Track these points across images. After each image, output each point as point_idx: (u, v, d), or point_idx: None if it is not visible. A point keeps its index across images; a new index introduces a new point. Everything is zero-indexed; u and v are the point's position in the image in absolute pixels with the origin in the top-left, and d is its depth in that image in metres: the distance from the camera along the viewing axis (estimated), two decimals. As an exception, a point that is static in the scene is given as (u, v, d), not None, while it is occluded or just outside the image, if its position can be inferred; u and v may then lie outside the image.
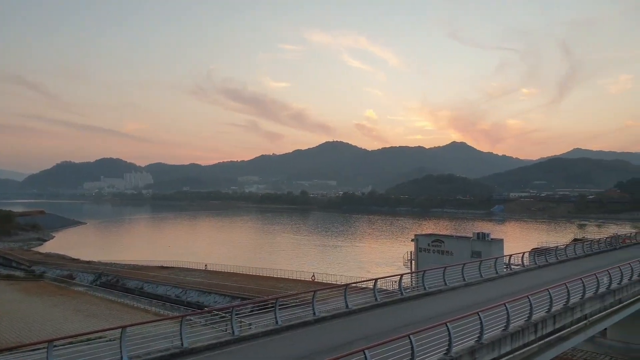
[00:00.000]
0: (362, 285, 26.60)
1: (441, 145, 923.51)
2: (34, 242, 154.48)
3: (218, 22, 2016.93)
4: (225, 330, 18.26)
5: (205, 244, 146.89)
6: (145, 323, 19.56)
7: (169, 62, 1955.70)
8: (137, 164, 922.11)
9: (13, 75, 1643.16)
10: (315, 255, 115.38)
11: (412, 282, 32.08)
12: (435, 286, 26.30)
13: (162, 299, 65.71)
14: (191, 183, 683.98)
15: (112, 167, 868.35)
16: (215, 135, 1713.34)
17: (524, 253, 37.59)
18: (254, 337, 17.27)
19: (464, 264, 29.32)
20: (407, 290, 25.81)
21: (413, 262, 60.50)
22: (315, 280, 68.17)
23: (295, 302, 22.07)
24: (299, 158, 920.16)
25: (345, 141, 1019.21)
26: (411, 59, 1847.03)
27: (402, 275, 25.49)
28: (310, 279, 69.05)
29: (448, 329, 14.55)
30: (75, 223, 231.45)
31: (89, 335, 28.16)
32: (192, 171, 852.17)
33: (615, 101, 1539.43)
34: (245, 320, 21.10)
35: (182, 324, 15.58)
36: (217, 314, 29.41)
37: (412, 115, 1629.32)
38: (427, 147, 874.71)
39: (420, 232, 79.29)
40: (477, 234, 56.22)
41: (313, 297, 20.09)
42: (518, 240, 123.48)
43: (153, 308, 59.39)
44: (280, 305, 18.92)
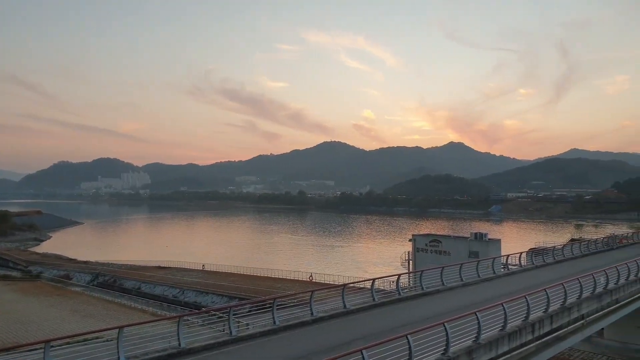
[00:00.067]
0: (360, 285, 26.64)
1: (439, 146, 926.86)
2: (30, 242, 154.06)
3: (216, 22, 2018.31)
4: (222, 331, 18.23)
5: (202, 244, 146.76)
6: (142, 323, 19.51)
7: (166, 62, 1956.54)
8: (135, 164, 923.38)
9: (10, 75, 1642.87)
10: (313, 256, 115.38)
11: (410, 282, 32.14)
12: (433, 286, 26.31)
13: (160, 299, 65.62)
14: (189, 183, 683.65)
15: (109, 167, 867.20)
16: (213, 135, 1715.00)
17: (521, 253, 37.64)
18: (252, 337, 17.25)
19: (462, 264, 29.34)
20: (405, 290, 25.85)
21: (411, 262, 60.53)
22: (313, 280, 68.16)
23: (293, 302, 22.05)
24: (296, 158, 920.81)
25: (342, 141, 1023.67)
26: (409, 59, 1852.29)
27: (399, 275, 25.50)
28: (307, 279, 69.05)
29: (445, 329, 14.56)
30: (72, 223, 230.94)
31: (86, 336, 28.05)
32: (189, 171, 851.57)
33: (612, 102, 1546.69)
34: (242, 321, 21.06)
35: (179, 324, 15.56)
36: (214, 314, 29.33)
37: (410, 115, 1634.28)
38: (424, 148, 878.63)
39: (417, 232, 79.34)
40: (475, 234, 56.27)
41: (311, 297, 20.08)
42: (515, 241, 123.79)
43: (150, 308, 59.28)
44: (278, 305, 18.90)
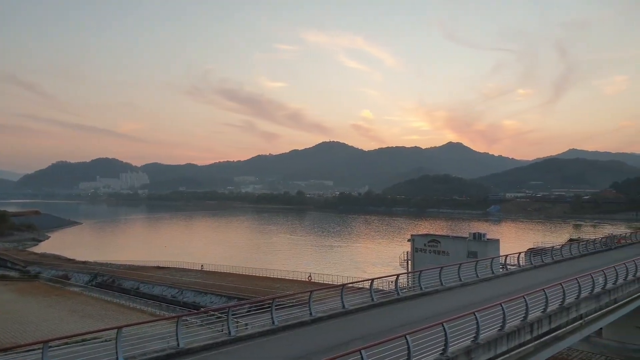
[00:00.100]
0: (359, 285, 26.60)
1: (437, 146, 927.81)
2: (29, 243, 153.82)
3: (215, 22, 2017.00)
4: (221, 331, 18.18)
5: (201, 244, 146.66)
6: (141, 323, 19.50)
7: (165, 62, 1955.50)
8: (133, 164, 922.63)
9: (9, 75, 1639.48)
10: (312, 256, 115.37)
11: (409, 282, 32.06)
12: (432, 286, 26.33)
13: (158, 299, 65.56)
14: (187, 183, 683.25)
15: (108, 167, 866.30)
16: (212, 135, 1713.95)
17: (520, 253, 37.67)
18: (251, 337, 17.25)
19: (460, 264, 29.35)
20: (404, 290, 25.83)
21: (409, 262, 60.55)
22: (312, 280, 68.16)
23: (291, 302, 22.04)
24: (295, 158, 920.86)
25: (341, 141, 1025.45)
26: (407, 59, 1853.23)
27: (398, 275, 25.48)
28: (306, 279, 69.05)
29: (444, 329, 14.56)
30: (70, 223, 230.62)
31: (85, 336, 28.01)
32: (188, 171, 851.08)
33: (611, 102, 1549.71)
34: (241, 321, 21.03)
35: (178, 325, 15.55)
36: (213, 315, 29.24)
37: (409, 115, 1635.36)
38: (423, 148, 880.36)
39: (416, 232, 79.34)
40: (474, 234, 56.31)
41: (310, 297, 20.08)
42: (514, 241, 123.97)
43: (149, 308, 59.24)
44: (276, 305, 18.90)
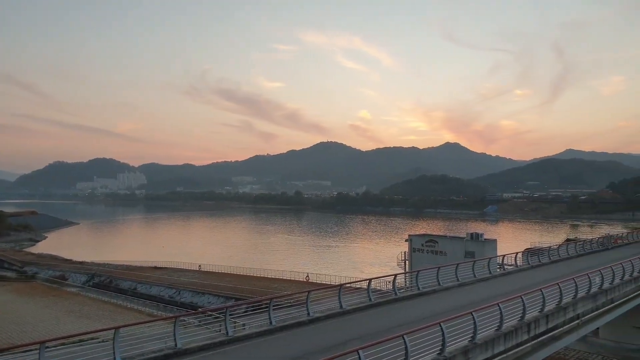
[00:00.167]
0: (356, 285, 26.60)
1: (435, 146, 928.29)
2: (25, 243, 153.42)
3: (212, 22, 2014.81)
4: (219, 331, 18.18)
5: (199, 244, 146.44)
6: (138, 324, 19.49)
7: (163, 62, 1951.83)
8: (131, 164, 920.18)
9: (5, 74, 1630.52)
10: (309, 256, 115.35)
11: (406, 282, 32.15)
12: (429, 286, 26.35)
13: (156, 299, 65.48)
14: (185, 183, 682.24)
15: (105, 167, 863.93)
16: (209, 135, 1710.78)
17: (517, 253, 37.75)
18: (248, 337, 17.24)
19: (458, 264, 29.41)
20: (401, 290, 25.85)
21: (407, 262, 60.60)
22: (309, 280, 68.17)
23: (289, 302, 22.05)
24: (293, 158, 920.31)
25: (339, 141, 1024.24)
26: (405, 59, 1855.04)
27: (396, 275, 25.51)
28: (304, 280, 69.06)
29: (442, 328, 14.58)
30: (67, 223, 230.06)
31: (82, 337, 27.94)
32: (185, 171, 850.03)
33: (608, 102, 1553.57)
34: (239, 321, 21.05)
35: (175, 325, 15.53)
36: (211, 315, 29.27)
37: (406, 115, 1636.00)
38: (421, 148, 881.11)
39: (414, 233, 79.44)
40: (471, 235, 56.39)
41: (307, 298, 20.08)
42: (511, 241, 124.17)
43: (146, 309, 59.17)
44: (274, 305, 18.90)
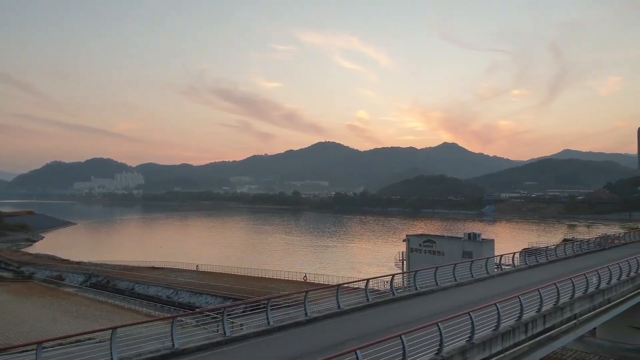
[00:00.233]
0: (354, 285, 26.61)
1: (433, 146, 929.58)
2: (22, 243, 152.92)
3: (210, 22, 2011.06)
4: (216, 331, 18.19)
5: (196, 244, 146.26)
6: (136, 324, 19.45)
7: (161, 62, 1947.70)
8: (128, 164, 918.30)
9: (3, 74, 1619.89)
10: (307, 256, 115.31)
11: (404, 282, 32.19)
12: (427, 286, 26.37)
13: (153, 299, 65.35)
14: (182, 183, 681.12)
15: (102, 167, 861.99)
16: (207, 135, 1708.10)
17: (514, 253, 37.79)
18: (246, 337, 17.22)
19: (455, 264, 29.44)
20: (399, 290, 25.88)
21: (405, 262, 60.66)
22: (307, 280, 68.16)
23: (287, 302, 22.04)
24: (291, 158, 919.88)
25: (337, 141, 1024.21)
26: (403, 60, 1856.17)
27: (393, 275, 25.53)
28: (302, 280, 69.02)
29: (439, 328, 14.60)
30: (65, 223, 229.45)
31: (79, 337, 27.86)
32: (183, 171, 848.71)
33: (605, 103, 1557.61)
34: (237, 321, 21.05)
35: (173, 325, 15.50)
36: (208, 315, 29.26)
37: (404, 116, 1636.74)
38: (418, 148, 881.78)
39: (411, 233, 79.53)
40: (468, 235, 56.49)
41: (305, 298, 20.07)
42: (509, 241, 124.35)
43: (144, 309, 59.01)
44: (272, 305, 18.88)
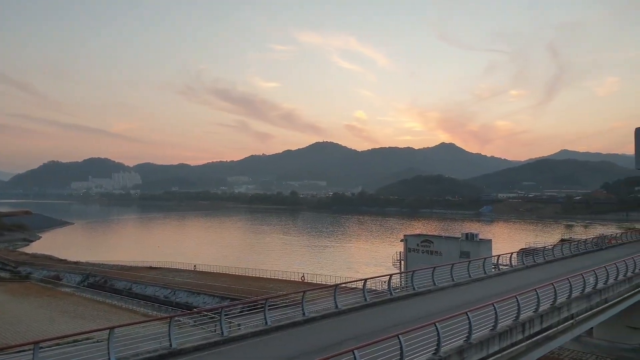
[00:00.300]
0: (352, 285, 26.63)
1: (430, 146, 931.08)
2: (19, 243, 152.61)
3: (208, 22, 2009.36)
4: (214, 331, 18.18)
5: (194, 244, 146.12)
6: (133, 324, 19.44)
7: (158, 62, 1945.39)
8: (126, 164, 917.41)
9: (1, 74, 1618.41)
10: (305, 256, 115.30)
11: (402, 282, 32.21)
12: (424, 286, 26.40)
13: (151, 299, 65.28)
14: (180, 183, 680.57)
15: (100, 167, 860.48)
16: (205, 135, 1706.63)
17: (512, 253, 37.85)
18: (243, 337, 17.21)
19: (453, 264, 29.44)
20: (397, 290, 25.91)
21: (402, 262, 60.68)
22: (305, 280, 68.14)
23: (284, 302, 22.07)
24: (288, 158, 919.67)
25: (335, 142, 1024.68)
26: (401, 60, 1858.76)
27: (391, 275, 25.54)
28: (299, 280, 69.02)
29: (437, 328, 14.61)
30: (62, 223, 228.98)
31: (76, 337, 27.80)
32: (181, 171, 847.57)
33: (602, 103, 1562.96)
34: (234, 321, 21.01)
35: (170, 325, 15.50)
36: (206, 315, 29.21)
37: (402, 116, 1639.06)
38: (416, 148, 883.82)
39: (409, 233, 79.53)
40: (466, 235, 56.49)
41: (302, 298, 20.07)
42: (506, 241, 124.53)
43: (141, 309, 58.93)
44: (269, 305, 18.88)
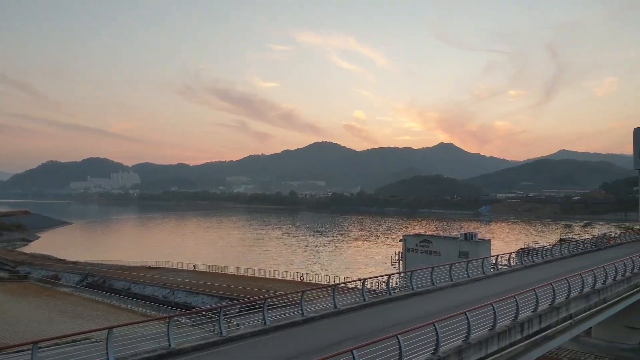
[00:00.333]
0: (351, 285, 26.63)
1: (429, 146, 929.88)
2: (18, 243, 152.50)
3: (207, 22, 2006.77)
4: (213, 331, 18.14)
5: (193, 244, 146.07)
6: (132, 324, 19.41)
7: (157, 62, 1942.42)
8: (125, 164, 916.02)
9: (0, 74, 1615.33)
10: (304, 256, 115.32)
11: (400, 282, 32.15)
12: (423, 286, 26.42)
13: (150, 299, 65.27)
14: (179, 183, 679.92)
15: (99, 166, 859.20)
16: (204, 135, 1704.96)
17: (510, 253, 37.90)
18: (242, 337, 17.21)
19: (452, 264, 29.48)
20: (395, 290, 25.92)
21: (401, 262, 60.72)
22: (304, 280, 68.17)
23: (283, 302, 22.05)
24: (287, 158, 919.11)
25: (334, 142, 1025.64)
26: (400, 60, 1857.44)
27: (390, 275, 25.54)
28: (298, 280, 69.05)
29: (435, 328, 14.62)
30: (61, 223, 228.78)
31: (75, 337, 27.72)
32: (180, 171, 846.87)
33: (601, 103, 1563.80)
34: (233, 321, 20.99)
35: (169, 325, 15.49)
36: (204, 315, 29.15)
37: (401, 116, 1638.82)
38: (415, 148, 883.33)
39: (408, 233, 79.56)
40: (465, 235, 56.53)
41: (301, 298, 20.08)
42: (505, 241, 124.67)
43: (140, 309, 58.94)
44: (268, 305, 18.87)
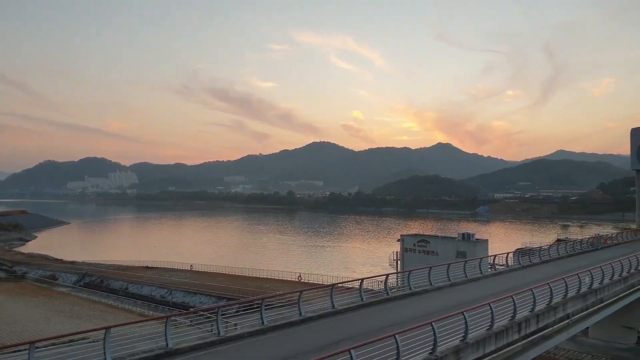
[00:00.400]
0: (348, 285, 26.63)
1: (427, 146, 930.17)
2: (15, 242, 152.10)
3: (205, 21, 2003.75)
4: (210, 331, 18.14)
5: (190, 244, 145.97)
6: (129, 324, 19.35)
7: (155, 61, 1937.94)
8: (122, 164, 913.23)
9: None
10: (302, 256, 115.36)
11: (398, 282, 32.22)
12: (421, 286, 26.44)
13: (147, 299, 65.22)
14: (176, 183, 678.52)
15: (96, 166, 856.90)
16: (202, 135, 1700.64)
17: (508, 253, 38.02)
18: (240, 337, 17.20)
19: (449, 264, 29.55)
20: (393, 290, 25.95)
21: (399, 262, 60.84)
22: (302, 280, 68.19)
23: (281, 302, 22.03)
24: (285, 158, 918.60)
25: (332, 141, 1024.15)
26: (398, 60, 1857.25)
27: (387, 275, 25.58)
28: (296, 279, 69.06)
29: (433, 328, 14.64)
30: (58, 223, 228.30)
31: (72, 337, 27.73)
32: (177, 171, 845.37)
33: (598, 104, 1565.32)
34: (231, 321, 21.01)
35: (167, 325, 15.47)
36: (202, 315, 29.18)
37: (399, 116, 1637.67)
38: (413, 148, 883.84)
39: (406, 233, 79.65)
40: (462, 235, 56.71)
41: (299, 297, 20.09)
42: (502, 241, 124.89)
43: (138, 309, 58.90)
44: (266, 305, 18.88)
